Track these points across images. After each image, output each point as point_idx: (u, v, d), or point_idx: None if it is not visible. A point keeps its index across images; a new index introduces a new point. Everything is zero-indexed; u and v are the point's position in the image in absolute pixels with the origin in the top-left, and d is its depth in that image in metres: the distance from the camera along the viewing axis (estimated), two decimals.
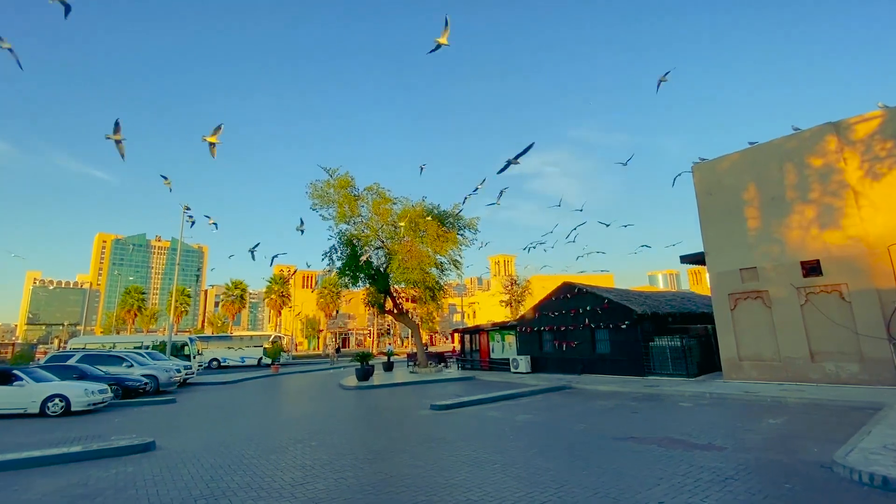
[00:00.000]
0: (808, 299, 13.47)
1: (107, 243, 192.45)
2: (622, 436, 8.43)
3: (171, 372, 19.93)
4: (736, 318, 14.84)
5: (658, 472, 6.16)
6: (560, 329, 20.48)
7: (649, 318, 17.89)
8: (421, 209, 22.88)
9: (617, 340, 18.25)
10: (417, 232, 22.25)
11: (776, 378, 13.76)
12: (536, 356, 21.37)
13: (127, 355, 20.26)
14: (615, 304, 18.44)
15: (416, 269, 21.31)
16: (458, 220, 23.19)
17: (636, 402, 12.57)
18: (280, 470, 6.84)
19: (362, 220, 23.08)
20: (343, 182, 22.71)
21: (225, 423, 12.14)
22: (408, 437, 9.32)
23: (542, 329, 21.35)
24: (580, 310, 19.69)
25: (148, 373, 18.81)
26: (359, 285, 23.45)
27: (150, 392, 17.93)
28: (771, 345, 14.05)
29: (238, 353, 38.80)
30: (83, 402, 13.49)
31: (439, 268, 23.26)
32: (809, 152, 13.73)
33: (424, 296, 22.47)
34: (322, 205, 22.58)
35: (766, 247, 14.33)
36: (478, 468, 6.60)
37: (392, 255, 22.33)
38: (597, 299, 19.20)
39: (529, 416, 11.01)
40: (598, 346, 19.06)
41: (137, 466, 7.31)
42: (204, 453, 8.06)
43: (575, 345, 19.75)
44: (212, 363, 37.28)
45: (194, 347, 30.28)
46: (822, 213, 13.39)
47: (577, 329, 19.73)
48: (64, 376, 15.52)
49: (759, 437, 8.06)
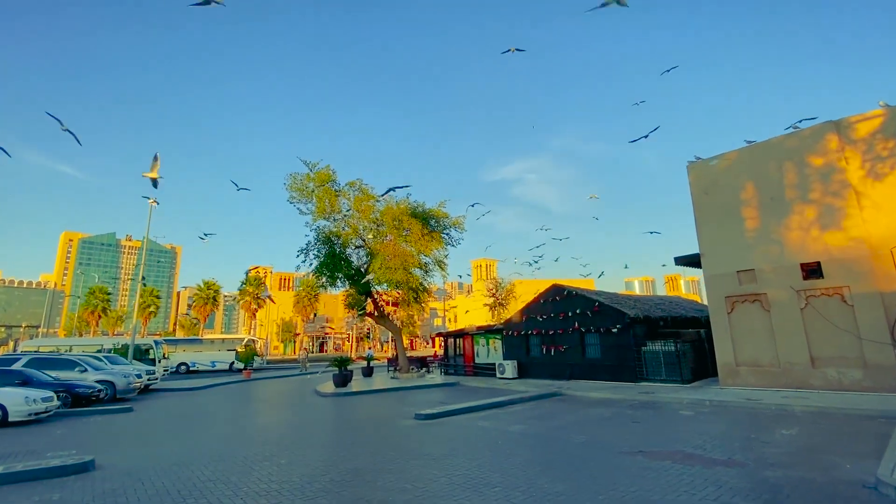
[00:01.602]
0: (808, 302, 13.00)
1: (73, 242, 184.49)
2: (629, 449, 7.60)
3: (131, 377, 18.29)
4: (733, 322, 14.31)
5: (686, 495, 5.31)
6: (548, 333, 19.72)
7: (641, 322, 17.28)
8: (405, 206, 21.86)
9: (608, 345, 17.57)
10: (401, 230, 21.21)
11: (775, 384, 13.23)
12: (523, 361, 20.55)
13: (81, 359, 18.55)
14: (606, 308, 17.78)
15: (399, 268, 20.25)
16: (443, 219, 22.25)
17: (634, 410, 11.82)
18: (241, 496, 5.74)
19: (343, 216, 21.91)
20: (323, 176, 21.52)
21: (184, 435, 10.85)
22: (391, 451, 8.29)
23: (529, 333, 20.55)
24: (569, 313, 18.97)
25: (103, 378, 17.19)
26: (338, 286, 22.22)
27: (104, 400, 16.34)
28: (770, 350, 13.54)
29: (208, 357, 36.85)
30: (22, 412, 11.96)
31: (423, 268, 22.25)
32: (810, 151, 13.33)
33: (408, 297, 21.39)
34: (300, 198, 21.35)
35: (765, 248, 13.85)
36: (476, 493, 5.63)
37: (374, 254, 21.22)
38: (587, 302, 18.52)
39: (523, 427, 10.11)
40: (588, 351, 18.35)
41: (66, 492, 6.09)
42: (152, 474, 6.86)
43: (564, 349, 19.01)
44: (180, 368, 35.27)
45: (160, 351, 28.48)
46: (823, 213, 12.98)
47: (566, 333, 19.00)
48: (4, 382, 13.89)
49: (778, 451, 7.34)
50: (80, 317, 63.09)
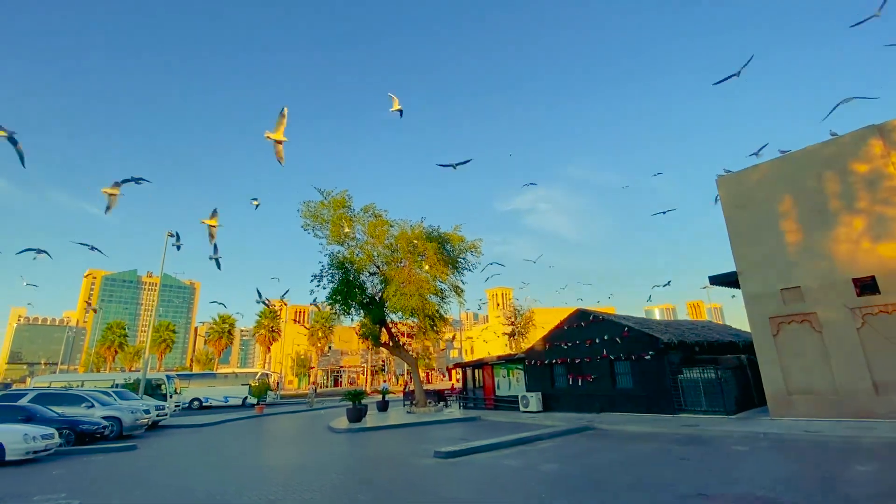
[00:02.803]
0: (865, 321, 11.78)
1: (96, 279, 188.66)
2: (688, 491, 6.52)
3: (138, 413, 17.61)
4: (780, 346, 13.06)
5: None
6: (574, 361, 18.52)
7: (676, 348, 16.05)
8: (420, 231, 21.31)
9: (640, 373, 16.31)
10: (416, 255, 20.58)
11: (834, 414, 11.86)
12: (548, 392, 19.27)
13: (89, 394, 17.95)
14: (637, 333, 16.63)
15: (414, 295, 19.49)
16: (459, 243, 21.59)
17: (679, 445, 10.59)
18: None
19: (357, 242, 21.44)
20: (338, 202, 21.25)
21: (184, 476, 10.00)
22: (409, 495, 7.31)
23: (553, 362, 19.37)
24: (596, 340, 17.83)
25: (109, 414, 16.53)
26: (351, 314, 21.50)
27: (109, 437, 15.63)
28: (824, 375, 12.23)
29: (221, 392, 36.07)
30: (20, 450, 11.28)
31: (439, 295, 21.43)
32: (852, 158, 12.45)
33: (424, 324, 20.48)
34: (314, 224, 21.00)
35: (811, 263, 12.77)
36: None
37: (388, 280, 20.55)
38: (615, 327, 17.39)
39: (557, 466, 9.01)
40: (619, 380, 17.08)
41: None
42: None
43: (592, 379, 17.75)
44: (192, 403, 34.55)
45: (172, 386, 27.81)
46: (874, 223, 11.94)
47: (594, 361, 17.80)
48: (7, 418, 13.33)
49: (864, 492, 6.21)
50: (97, 352, 63.17)
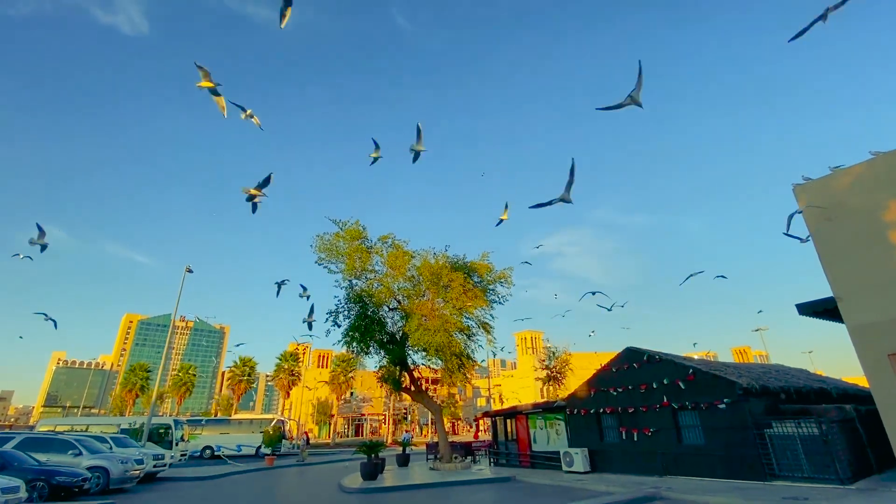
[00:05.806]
0: None
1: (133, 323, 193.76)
2: None
3: (129, 463, 15.64)
4: None
5: None
6: (627, 411, 15.59)
7: (758, 395, 13.06)
8: (444, 262, 19.40)
9: (713, 427, 13.28)
10: (440, 286, 18.55)
11: None
12: (595, 448, 16.24)
13: (78, 440, 16.16)
14: (705, 376, 13.77)
15: (439, 330, 17.28)
16: (488, 273, 19.49)
17: None
18: None
19: (375, 275, 19.67)
20: (354, 233, 19.76)
21: None
22: None
23: (601, 411, 16.45)
24: (653, 384, 14.97)
25: (96, 464, 14.68)
26: (370, 353, 19.37)
27: (90, 491, 13.66)
28: None
29: (234, 440, 33.76)
30: None
31: (465, 332, 19.12)
32: None
33: (451, 364, 18.05)
34: (329, 259, 19.47)
35: None
36: None
37: (409, 315, 18.48)
38: (677, 369, 14.55)
39: None
40: (685, 435, 14.03)
41: None
42: None
43: (651, 433, 14.74)
44: (205, 451, 32.27)
45: (179, 432, 25.82)
46: None
47: (652, 411, 14.86)
48: None
49: None
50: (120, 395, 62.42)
